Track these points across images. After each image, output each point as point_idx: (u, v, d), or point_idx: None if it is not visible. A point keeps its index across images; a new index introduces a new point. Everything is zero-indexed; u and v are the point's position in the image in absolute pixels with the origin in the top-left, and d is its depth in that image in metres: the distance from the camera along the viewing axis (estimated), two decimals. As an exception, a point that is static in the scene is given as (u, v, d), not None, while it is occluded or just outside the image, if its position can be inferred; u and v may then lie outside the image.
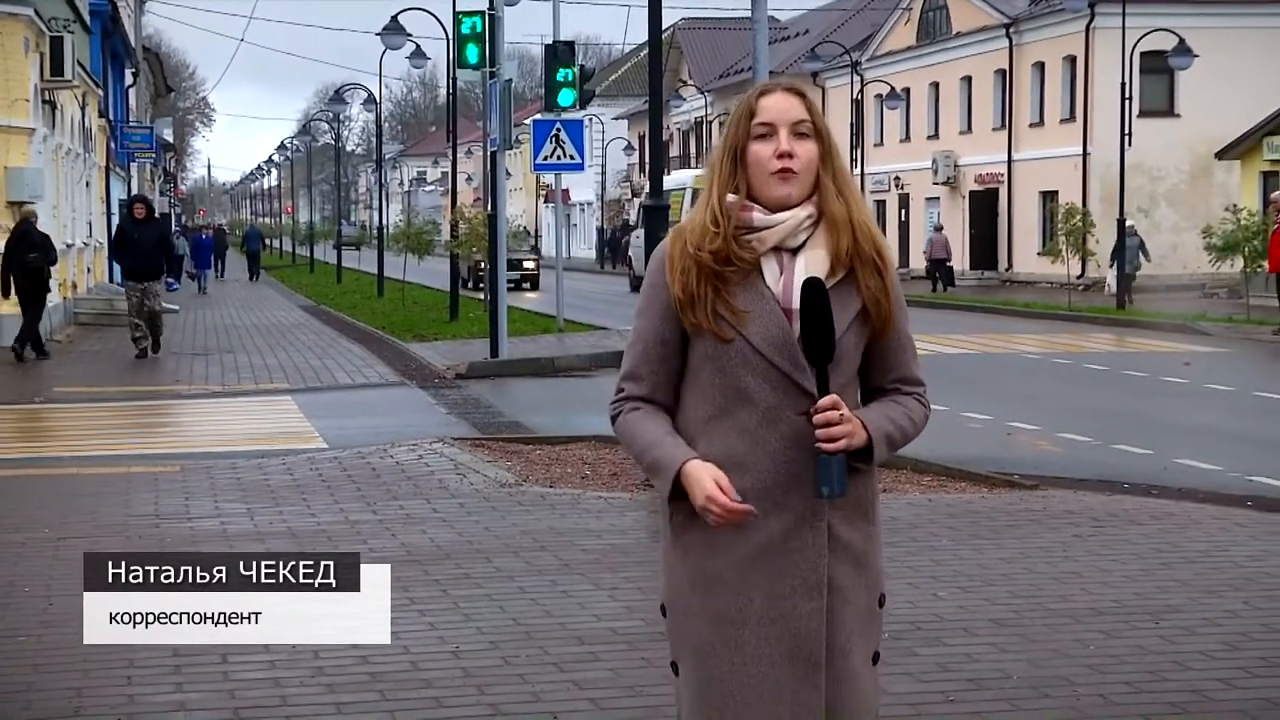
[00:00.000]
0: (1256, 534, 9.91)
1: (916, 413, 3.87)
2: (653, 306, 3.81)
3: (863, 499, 3.82)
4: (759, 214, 3.74)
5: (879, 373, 3.85)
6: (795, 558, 3.73)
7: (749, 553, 3.74)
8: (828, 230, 3.74)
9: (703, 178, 4.02)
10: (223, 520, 10.62)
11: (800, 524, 3.73)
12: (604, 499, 11.28)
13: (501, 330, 23.19)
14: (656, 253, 3.86)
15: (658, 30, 12.85)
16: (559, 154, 26.91)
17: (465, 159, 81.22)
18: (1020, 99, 51.80)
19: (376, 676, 6.90)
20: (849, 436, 3.66)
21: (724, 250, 3.72)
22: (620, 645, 7.37)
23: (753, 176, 3.77)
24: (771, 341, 3.69)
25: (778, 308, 3.71)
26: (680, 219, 22.08)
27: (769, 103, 3.79)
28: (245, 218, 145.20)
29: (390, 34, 36.74)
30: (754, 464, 3.72)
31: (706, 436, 3.75)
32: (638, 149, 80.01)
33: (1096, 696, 6.56)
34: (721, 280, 3.72)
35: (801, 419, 3.68)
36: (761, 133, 3.77)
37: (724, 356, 3.72)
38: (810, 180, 3.76)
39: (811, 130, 3.78)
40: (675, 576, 3.82)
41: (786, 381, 3.70)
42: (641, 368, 3.84)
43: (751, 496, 3.69)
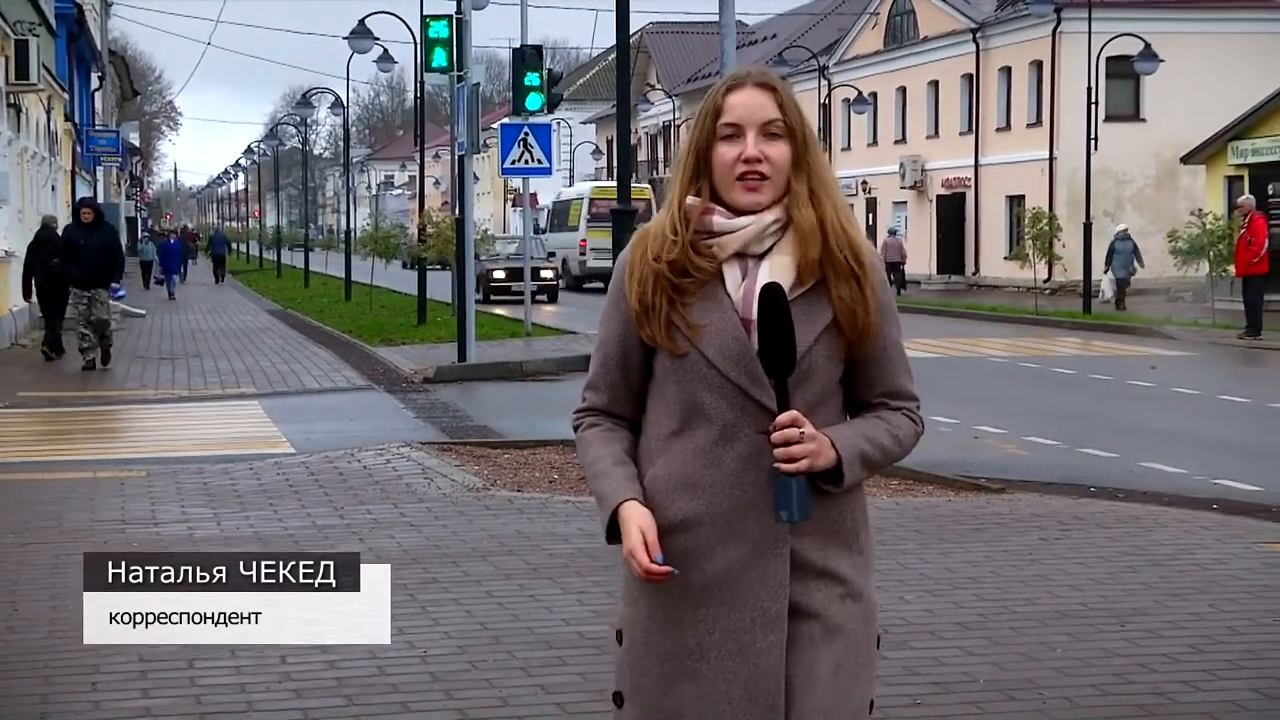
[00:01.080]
0: (1221, 537, 9.95)
1: (903, 429, 3.57)
2: (613, 315, 3.58)
3: (840, 525, 3.53)
4: (720, 218, 3.47)
5: (864, 387, 3.56)
6: (755, 588, 3.45)
7: (707, 583, 3.47)
8: (795, 237, 3.46)
9: (602, 188, 3.83)
10: (189, 526, 10.58)
11: (759, 552, 3.45)
12: (572, 503, 11.28)
13: (469, 334, 23.17)
14: (620, 257, 3.62)
15: (625, 34, 12.86)
16: (527, 158, 26.90)
17: (433, 163, 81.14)
18: (987, 103, 51.97)
19: (343, 681, 6.88)
20: (811, 456, 3.37)
21: (681, 260, 3.46)
22: (588, 649, 7.36)
23: (718, 180, 3.48)
24: (727, 355, 3.43)
25: (736, 318, 3.45)
26: (578, 227, 22.16)
27: (737, 100, 3.48)
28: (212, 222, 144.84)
29: (357, 38, 36.71)
30: (709, 485, 3.46)
31: (665, 455, 3.51)
32: (606, 153, 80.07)
33: (1062, 700, 6.58)
34: (679, 291, 3.46)
35: (761, 437, 3.41)
36: (728, 134, 3.47)
37: (680, 371, 3.46)
38: (781, 184, 3.47)
39: (784, 130, 3.47)
40: (636, 606, 3.58)
41: (743, 397, 3.43)
42: (601, 378, 3.62)
43: (706, 521, 3.45)
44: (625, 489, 3.49)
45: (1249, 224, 28.63)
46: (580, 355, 24.18)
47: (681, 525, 3.48)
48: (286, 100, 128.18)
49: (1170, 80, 43.53)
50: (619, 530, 3.48)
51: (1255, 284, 28.21)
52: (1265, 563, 9.19)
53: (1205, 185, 41.72)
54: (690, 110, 71.79)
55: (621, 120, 12.97)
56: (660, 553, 3.42)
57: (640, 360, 3.56)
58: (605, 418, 3.62)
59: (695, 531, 3.47)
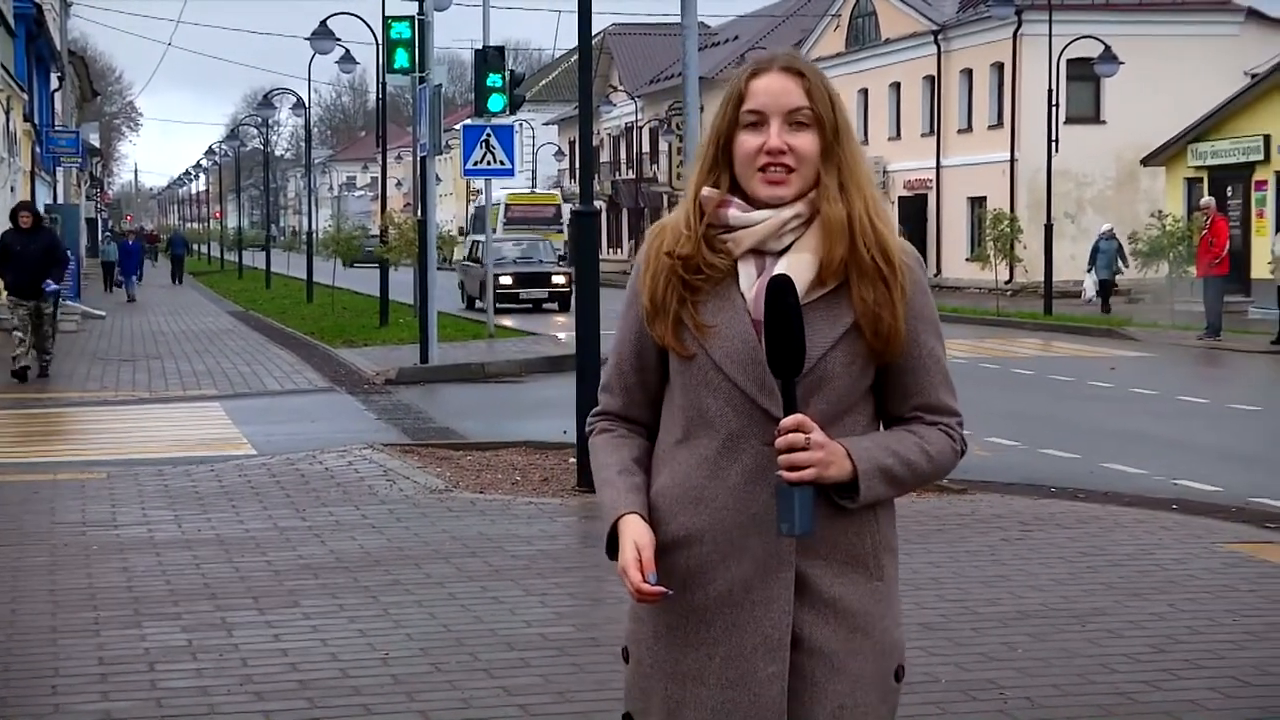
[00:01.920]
0: (1181, 537, 10.00)
1: (937, 445, 3.26)
2: (630, 312, 3.34)
3: (859, 548, 3.24)
4: (736, 211, 3.20)
5: (897, 398, 3.27)
6: (757, 612, 3.19)
7: (709, 603, 3.24)
8: (820, 233, 3.18)
9: (516, 195, 3.63)
10: (150, 528, 10.54)
11: (762, 572, 3.19)
12: (534, 504, 11.27)
13: (431, 336, 23.14)
14: (639, 252, 3.38)
15: (588, 36, 12.85)
16: (489, 159, 26.87)
17: (395, 164, 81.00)
18: (948, 105, 52.13)
19: (305, 684, 6.86)
20: (819, 465, 3.08)
21: (694, 256, 3.21)
22: (550, 651, 7.36)
23: (739, 170, 3.22)
24: (735, 358, 3.17)
25: (747, 320, 3.18)
26: (496, 230, 22.03)
27: (761, 85, 3.20)
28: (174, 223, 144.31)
29: (319, 39, 36.64)
30: (712, 499, 3.21)
31: (671, 464, 3.28)
32: (568, 154, 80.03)
33: (1023, 700, 6.61)
34: (690, 289, 3.21)
35: (768, 449, 3.13)
36: (751, 121, 3.19)
37: (687, 374, 3.22)
38: (809, 176, 3.19)
39: (811, 118, 3.19)
40: (641, 624, 3.37)
41: (750, 405, 3.17)
42: (615, 380, 3.39)
43: (708, 537, 3.21)
44: (625, 500, 3.26)
45: (1211, 225, 28.79)
46: (543, 357, 24.19)
47: (684, 541, 3.24)
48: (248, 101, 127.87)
49: (1130, 82, 43.74)
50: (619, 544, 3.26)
51: (1215, 285, 28.37)
52: (1224, 562, 9.24)
53: (1165, 187, 41.93)
54: (653, 112, 71.89)
55: (584, 122, 12.96)
56: (655, 571, 3.17)
57: (655, 361, 3.33)
58: (619, 422, 3.40)
59: (697, 548, 3.24)
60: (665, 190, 69.78)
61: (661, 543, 3.23)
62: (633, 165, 77.22)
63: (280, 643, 7.55)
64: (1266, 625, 7.81)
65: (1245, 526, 10.47)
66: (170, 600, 8.47)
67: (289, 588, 8.72)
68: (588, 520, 10.81)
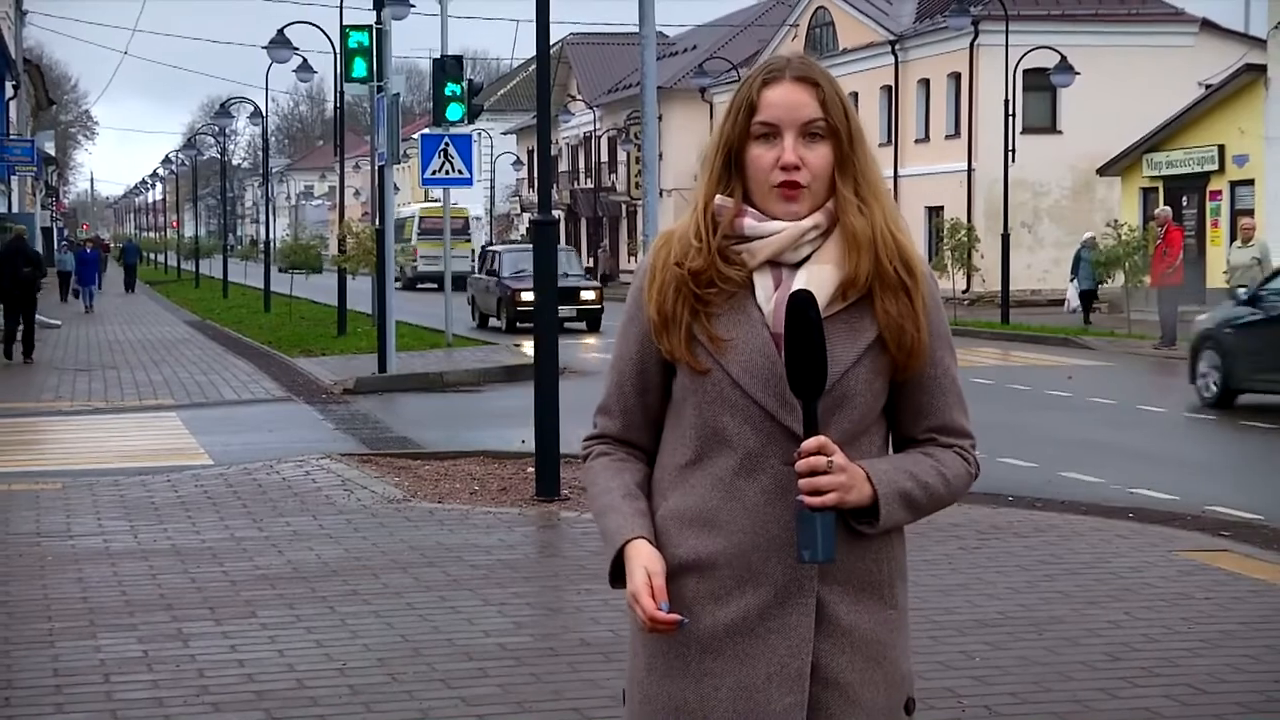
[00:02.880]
0: (1138, 545, 10.05)
1: (953, 469, 3.16)
2: (631, 327, 3.19)
3: (876, 576, 3.12)
4: (751, 220, 3.08)
5: (911, 419, 3.16)
6: (773, 640, 3.04)
7: (718, 632, 3.07)
8: (843, 247, 3.06)
9: (429, 209, 3.44)
10: (105, 538, 10.49)
11: (782, 599, 3.04)
12: (493, 514, 11.26)
13: (389, 345, 23.09)
14: (640, 263, 3.24)
15: (545, 45, 12.85)
16: (447, 168, 26.86)
17: (353, 173, 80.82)
18: (906, 115, 52.30)
19: (262, 695, 6.83)
20: (840, 489, 2.96)
21: (707, 270, 3.07)
22: (508, 661, 7.35)
23: (751, 183, 3.09)
24: (754, 373, 3.03)
25: (766, 334, 3.05)
26: (411, 239, 21.97)
27: (774, 96, 3.07)
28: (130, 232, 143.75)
29: (277, 47, 36.52)
30: (728, 522, 3.06)
31: (681, 487, 3.12)
32: (526, 164, 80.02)
33: (981, 708, 6.62)
34: (703, 302, 3.07)
35: (788, 469, 3.00)
36: (763, 133, 3.07)
37: (700, 391, 3.07)
38: (822, 191, 3.08)
39: (826, 129, 3.07)
40: (635, 659, 3.19)
41: (770, 422, 3.04)
42: (614, 401, 3.22)
43: (723, 562, 3.06)
44: (633, 525, 3.10)
45: (1165, 235, 28.94)
46: (501, 366, 24.16)
47: (694, 565, 3.08)
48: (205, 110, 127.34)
49: (1086, 93, 43.96)
50: (624, 572, 3.08)
51: (1170, 294, 28.51)
52: (1180, 571, 9.29)
53: (1120, 196, 42.15)
54: (611, 121, 71.91)
55: (542, 131, 12.96)
56: (667, 599, 3.02)
57: (659, 380, 3.18)
58: (617, 446, 3.24)
59: (710, 573, 3.07)
60: (624, 199, 69.83)
61: (670, 568, 3.08)
62: (591, 174, 77.23)
63: (237, 653, 7.52)
64: (1221, 633, 7.85)
65: (1201, 535, 10.52)
66: (126, 611, 8.43)
67: (246, 598, 8.68)
68: (546, 529, 10.80)
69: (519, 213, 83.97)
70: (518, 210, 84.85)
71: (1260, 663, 7.31)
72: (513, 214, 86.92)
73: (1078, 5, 48.53)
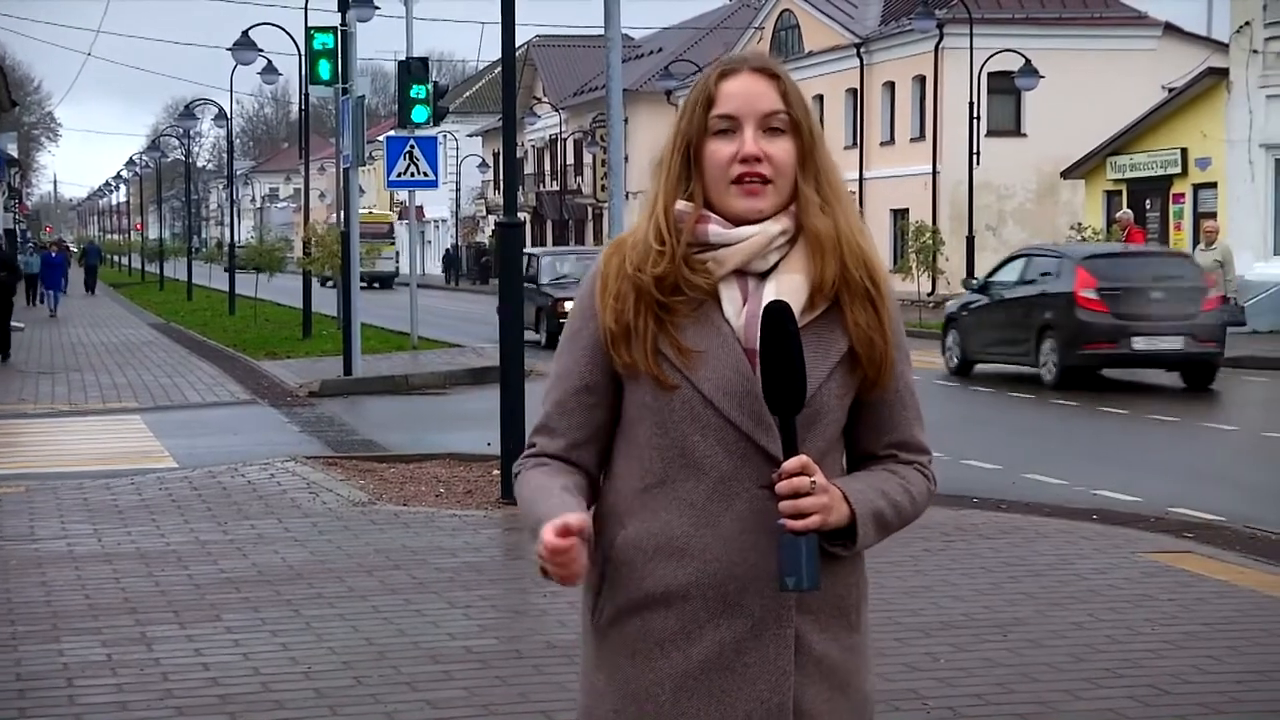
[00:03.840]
0: (1101, 547, 10.08)
1: (917, 486, 3.01)
2: (578, 341, 2.97)
3: (844, 599, 2.97)
4: (716, 227, 2.90)
5: (871, 435, 3.01)
6: (751, 674, 2.87)
7: (690, 668, 2.88)
8: (809, 251, 2.91)
9: (363, 215, 3.13)
10: (69, 542, 10.44)
11: (759, 631, 2.88)
12: (458, 516, 11.24)
13: (355, 347, 23.04)
14: (589, 273, 3.02)
15: (511, 47, 12.84)
16: (413, 170, 26.81)
17: (318, 175, 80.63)
18: (871, 118, 52.42)
19: (226, 698, 6.82)
20: (823, 511, 2.80)
21: (671, 276, 2.88)
22: (474, 664, 7.34)
23: (710, 182, 2.91)
24: (727, 390, 2.85)
25: (738, 348, 2.87)
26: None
27: (732, 88, 2.92)
28: (94, 234, 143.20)
29: (241, 49, 36.42)
30: (700, 550, 2.87)
31: (641, 511, 2.91)
32: (492, 166, 79.95)
33: (946, 709, 6.64)
34: (667, 311, 2.88)
35: (764, 493, 2.83)
36: (722, 127, 2.90)
37: (666, 409, 2.87)
38: (786, 188, 2.91)
39: (788, 124, 2.91)
40: (599, 700, 2.97)
41: (745, 443, 2.86)
42: (558, 420, 2.98)
43: (695, 593, 2.87)
44: (570, 505, 2.85)
45: (1127, 237, 29.06)
46: (467, 369, 24.13)
47: (663, 598, 2.89)
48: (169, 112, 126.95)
49: (1050, 96, 44.13)
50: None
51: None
52: (1144, 572, 9.33)
53: (1085, 199, 42.31)
54: (577, 124, 71.91)
55: (507, 133, 12.96)
56: (578, 535, 2.76)
57: (609, 396, 2.97)
58: (557, 463, 3.00)
59: (681, 606, 2.88)
60: (589, 202, 69.84)
61: (634, 600, 2.90)
62: (557, 177, 77.23)
63: (201, 657, 7.50)
64: (1184, 634, 7.88)
65: (1164, 536, 10.57)
66: (90, 614, 8.40)
67: (210, 601, 8.66)
68: (512, 532, 10.79)
69: (484, 215, 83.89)
70: (483, 212, 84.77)
71: (1223, 663, 7.35)
72: (478, 216, 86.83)
73: (1042, 9, 48.73)
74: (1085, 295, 21.38)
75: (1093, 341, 21.21)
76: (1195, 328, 21.35)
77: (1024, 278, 22.98)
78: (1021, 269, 23.33)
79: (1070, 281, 21.67)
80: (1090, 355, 21.41)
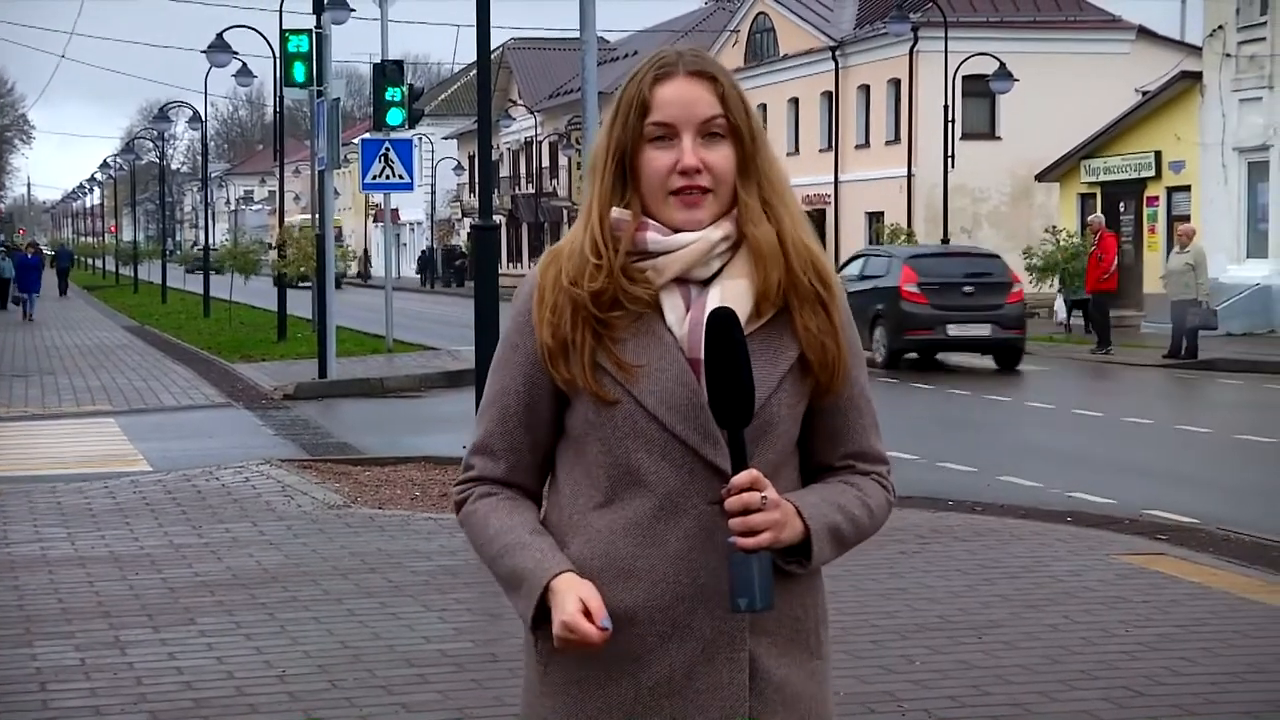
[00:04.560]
0: (1076, 549, 10.11)
1: (875, 498, 2.89)
2: (514, 357, 2.86)
3: (802, 621, 2.86)
4: (655, 234, 2.78)
5: (826, 446, 2.89)
6: (703, 701, 2.77)
7: (641, 693, 2.78)
8: (751, 260, 2.79)
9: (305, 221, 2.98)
10: (42, 545, 10.40)
11: (710, 654, 2.77)
12: (434, 520, 11.22)
13: (330, 350, 23.00)
14: (523, 284, 2.90)
15: (486, 50, 12.83)
16: (388, 173, 26.77)
17: (293, 178, 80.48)
18: (846, 121, 52.48)
19: (200, 702, 6.80)
20: (775, 528, 2.68)
21: (609, 290, 2.76)
22: (449, 667, 7.33)
23: (647, 191, 2.80)
24: (671, 404, 2.74)
25: (681, 359, 2.76)
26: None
27: (668, 94, 2.80)
28: (67, 237, 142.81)
29: (216, 52, 36.35)
30: (646, 571, 2.76)
31: (584, 533, 2.80)
32: (467, 169, 79.90)
33: (921, 711, 6.65)
34: (606, 325, 2.76)
35: (713, 510, 2.72)
36: (658, 135, 2.79)
37: (608, 425, 2.76)
38: (727, 194, 2.80)
39: (726, 128, 2.79)
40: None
41: (692, 458, 2.75)
42: (497, 440, 2.89)
43: (643, 616, 2.76)
44: (555, 560, 2.77)
45: (1100, 241, 29.16)
46: (442, 371, 24.11)
47: (610, 622, 2.77)
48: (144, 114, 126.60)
49: (1025, 99, 44.21)
50: (549, 611, 2.76)
51: (1103, 300, 28.76)
52: (1118, 574, 9.35)
53: (1059, 202, 42.43)
54: (552, 127, 71.87)
55: (483, 136, 12.95)
56: (607, 616, 2.71)
57: (550, 415, 2.85)
58: (503, 489, 2.90)
59: (628, 630, 2.77)
60: (565, 205, 69.80)
61: None
62: (532, 180, 77.18)
63: (175, 661, 7.48)
64: (1158, 636, 7.91)
65: (1138, 538, 10.59)
66: (63, 619, 8.37)
67: (185, 605, 8.63)
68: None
69: (460, 218, 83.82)
70: (459, 215, 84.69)
71: (1196, 665, 7.37)
72: (454, 219, 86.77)
73: (1016, 12, 48.84)
74: (908, 289, 24.95)
75: (913, 329, 24.81)
76: (1001, 317, 24.80)
77: (863, 274, 26.24)
78: (861, 266, 26.96)
79: (896, 277, 25.25)
80: (912, 340, 25.07)
